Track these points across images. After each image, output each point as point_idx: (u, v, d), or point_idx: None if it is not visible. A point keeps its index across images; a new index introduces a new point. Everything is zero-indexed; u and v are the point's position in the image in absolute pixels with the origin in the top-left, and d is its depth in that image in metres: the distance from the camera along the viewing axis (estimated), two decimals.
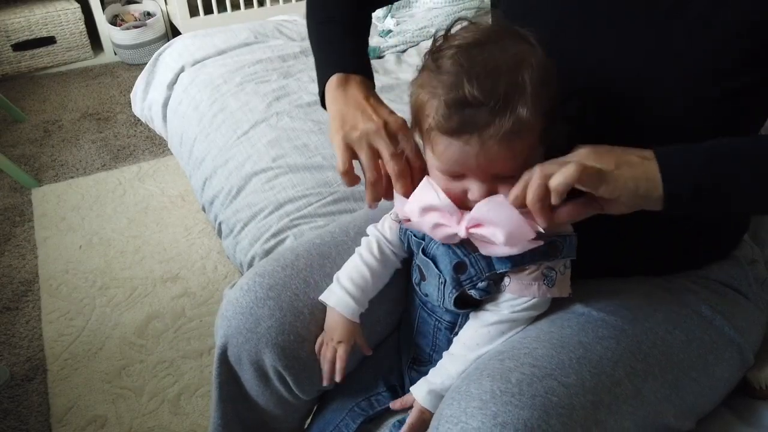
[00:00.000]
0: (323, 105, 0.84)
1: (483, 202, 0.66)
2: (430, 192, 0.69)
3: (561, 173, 0.62)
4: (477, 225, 0.67)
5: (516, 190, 0.64)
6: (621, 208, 0.66)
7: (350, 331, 0.81)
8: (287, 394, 0.86)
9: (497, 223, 0.66)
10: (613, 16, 0.74)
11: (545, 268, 0.72)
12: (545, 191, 0.62)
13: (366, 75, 0.84)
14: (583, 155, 0.65)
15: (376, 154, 0.75)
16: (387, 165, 0.74)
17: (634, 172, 0.64)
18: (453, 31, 0.70)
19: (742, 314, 0.84)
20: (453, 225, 0.69)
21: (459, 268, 0.74)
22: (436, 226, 0.70)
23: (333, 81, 0.82)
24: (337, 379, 0.83)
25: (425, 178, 0.71)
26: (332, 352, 0.81)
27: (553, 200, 0.63)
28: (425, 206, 0.69)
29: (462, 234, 0.68)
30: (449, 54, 0.66)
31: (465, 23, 0.70)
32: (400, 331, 0.91)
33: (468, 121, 0.64)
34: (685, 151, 0.66)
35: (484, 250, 0.71)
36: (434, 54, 0.68)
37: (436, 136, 0.67)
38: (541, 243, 0.68)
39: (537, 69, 0.64)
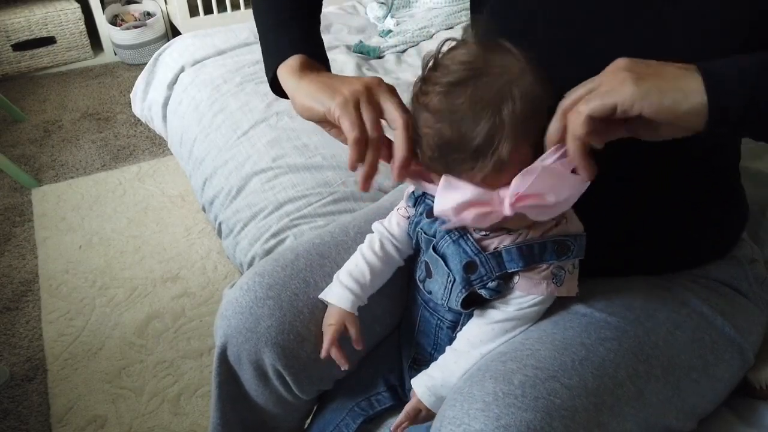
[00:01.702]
0: (273, 84, 0.81)
1: (519, 177, 0.63)
2: (452, 191, 0.65)
3: (570, 132, 0.61)
4: (522, 198, 0.63)
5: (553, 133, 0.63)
6: (654, 129, 0.62)
7: (343, 317, 0.80)
8: (287, 393, 0.86)
9: (544, 191, 0.63)
10: (611, 15, 0.74)
11: (555, 267, 0.72)
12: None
13: (326, 64, 0.81)
14: (606, 76, 0.62)
15: (379, 110, 0.71)
16: (394, 120, 0.69)
17: (660, 85, 0.59)
18: (444, 49, 0.69)
19: (742, 314, 0.84)
20: (496, 208, 0.65)
21: (469, 267, 0.73)
22: (479, 217, 0.66)
23: (297, 60, 0.78)
24: (332, 355, 0.81)
25: (444, 178, 0.66)
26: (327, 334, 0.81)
27: (593, 142, 0.61)
28: (457, 205, 0.66)
29: (509, 212, 0.64)
30: (436, 91, 0.66)
31: (453, 43, 0.69)
32: (400, 330, 0.91)
33: (452, 164, 0.65)
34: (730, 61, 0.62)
35: (536, 216, 0.67)
36: (423, 87, 0.68)
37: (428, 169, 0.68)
38: (589, 183, 0.65)
39: (521, 101, 0.63)
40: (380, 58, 1.88)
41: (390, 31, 2.00)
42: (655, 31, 0.72)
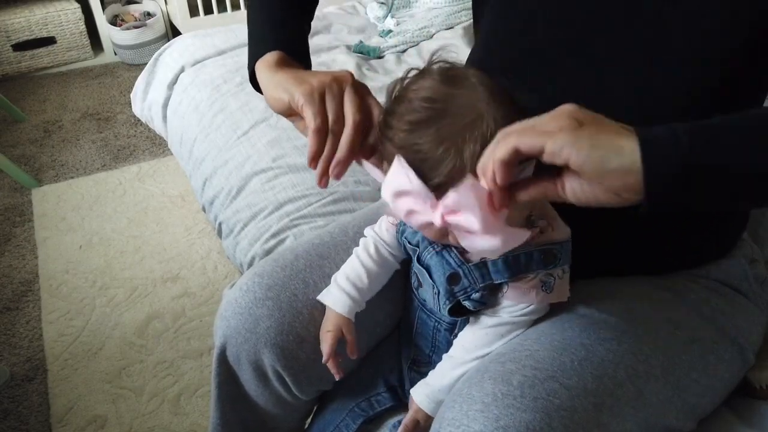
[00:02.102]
0: (252, 75, 0.81)
1: (453, 190, 0.61)
2: (400, 174, 0.63)
3: (489, 153, 0.58)
4: (453, 212, 0.62)
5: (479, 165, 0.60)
6: (582, 191, 0.57)
7: (340, 323, 0.80)
8: (286, 394, 0.86)
9: (469, 207, 0.60)
10: (611, 15, 0.74)
11: (544, 275, 0.72)
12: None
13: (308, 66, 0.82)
14: (548, 116, 0.58)
15: (341, 102, 0.71)
16: (351, 121, 0.70)
17: (599, 138, 0.55)
18: (408, 78, 0.69)
19: (742, 314, 0.84)
20: (427, 212, 0.63)
21: (452, 279, 0.73)
22: (410, 212, 0.65)
23: (274, 56, 0.78)
24: (328, 365, 0.80)
25: (396, 158, 0.64)
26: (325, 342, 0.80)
27: (496, 181, 0.57)
28: (397, 191, 0.64)
29: (437, 222, 0.63)
30: (400, 128, 0.65)
31: (415, 71, 0.69)
32: (399, 332, 0.91)
33: None
34: (669, 126, 0.56)
35: (466, 243, 0.64)
36: (387, 120, 0.67)
37: None
38: (528, 234, 0.64)
39: (482, 143, 0.61)
40: (380, 58, 1.88)
41: (390, 31, 2.00)
42: (655, 31, 0.72)
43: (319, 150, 0.71)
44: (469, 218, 0.61)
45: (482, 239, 0.62)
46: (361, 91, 0.73)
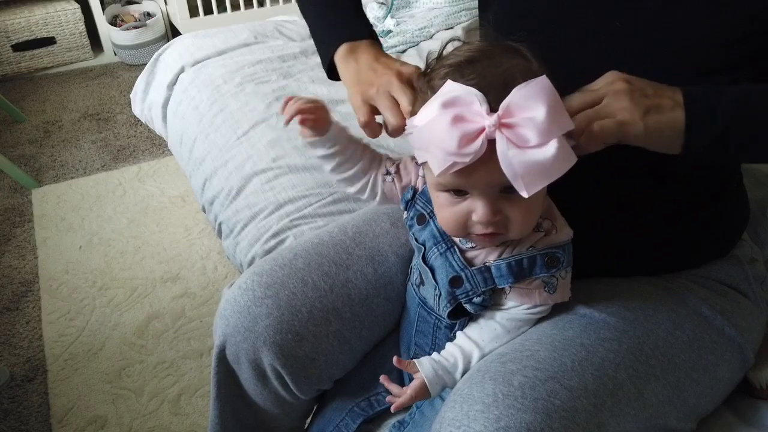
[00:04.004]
0: (330, 75, 0.86)
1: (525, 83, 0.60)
2: (452, 85, 0.62)
3: (583, 147, 0.65)
4: (513, 112, 0.60)
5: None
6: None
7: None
8: (285, 393, 0.86)
9: (539, 99, 0.59)
10: (611, 11, 0.74)
11: (546, 277, 0.72)
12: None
13: (373, 38, 0.85)
14: (610, 97, 0.65)
15: (395, 103, 0.74)
16: (405, 111, 0.72)
17: (660, 121, 0.65)
18: (446, 51, 0.70)
19: (742, 314, 0.84)
20: (478, 116, 0.60)
21: (455, 282, 0.73)
22: (458, 119, 0.60)
23: (342, 51, 0.83)
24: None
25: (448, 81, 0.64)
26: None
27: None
28: (448, 99, 0.61)
29: (491, 123, 0.59)
30: (441, 74, 0.66)
31: (458, 43, 0.70)
32: (399, 331, 0.91)
33: None
34: (712, 97, 0.66)
35: (512, 155, 0.60)
36: (427, 75, 0.69)
37: None
38: (574, 161, 0.63)
39: (530, 75, 0.62)
40: None
41: (390, 31, 2.00)
42: (656, 32, 0.72)
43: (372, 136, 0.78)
44: (533, 114, 0.59)
45: (534, 151, 0.60)
46: (411, 84, 0.75)
